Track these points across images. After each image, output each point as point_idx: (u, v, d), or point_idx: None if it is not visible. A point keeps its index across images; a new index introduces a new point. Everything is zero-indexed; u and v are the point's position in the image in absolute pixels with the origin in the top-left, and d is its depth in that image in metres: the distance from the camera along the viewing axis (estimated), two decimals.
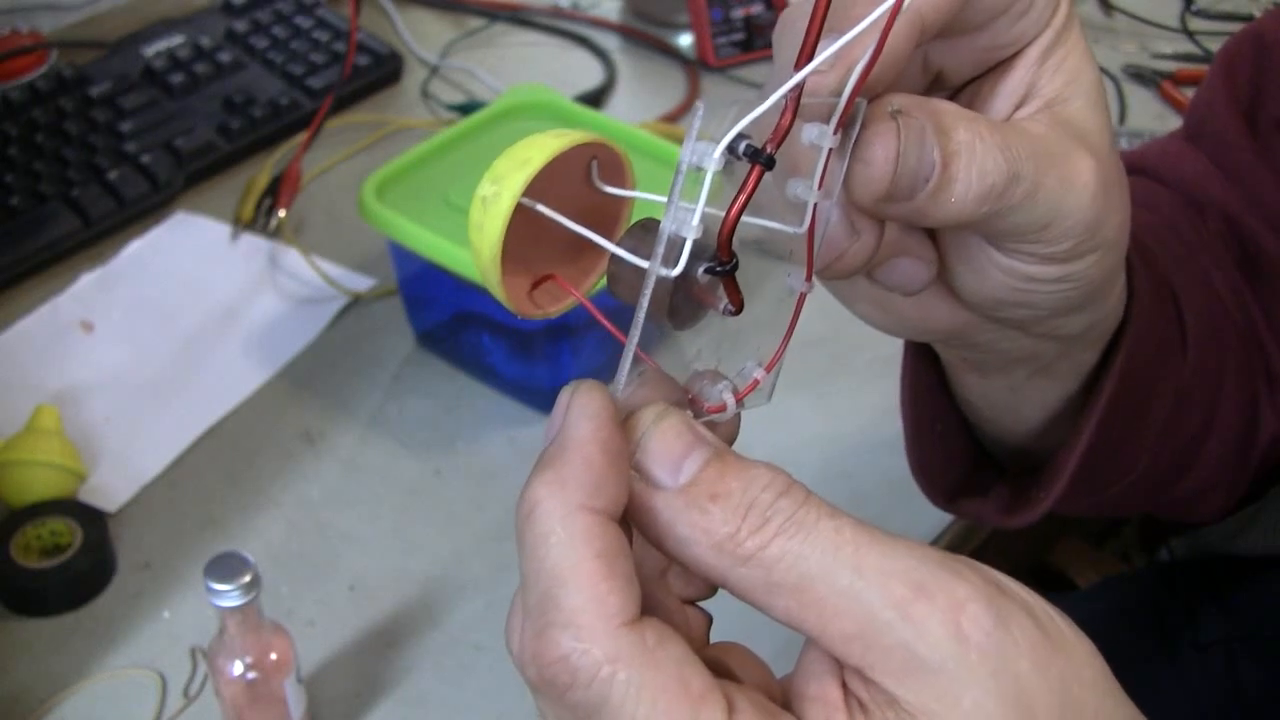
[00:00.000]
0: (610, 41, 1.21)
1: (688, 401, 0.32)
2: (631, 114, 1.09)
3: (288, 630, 0.63)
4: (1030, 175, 0.37)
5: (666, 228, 0.30)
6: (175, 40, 1.12)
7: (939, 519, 0.78)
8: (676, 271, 0.29)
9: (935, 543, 0.77)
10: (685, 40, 1.21)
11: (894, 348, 0.54)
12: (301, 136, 1.03)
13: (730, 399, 0.32)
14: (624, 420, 0.30)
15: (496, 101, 0.90)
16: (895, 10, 0.32)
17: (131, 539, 0.75)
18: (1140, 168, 0.65)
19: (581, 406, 0.29)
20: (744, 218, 0.30)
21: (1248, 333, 0.61)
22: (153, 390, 0.85)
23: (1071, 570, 1.17)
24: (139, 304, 0.91)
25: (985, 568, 0.30)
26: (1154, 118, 1.12)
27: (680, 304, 0.31)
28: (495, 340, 0.84)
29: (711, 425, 0.32)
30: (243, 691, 0.62)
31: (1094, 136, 0.40)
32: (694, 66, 1.17)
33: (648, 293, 0.30)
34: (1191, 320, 0.56)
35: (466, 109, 1.09)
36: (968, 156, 0.36)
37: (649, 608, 0.30)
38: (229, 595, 0.58)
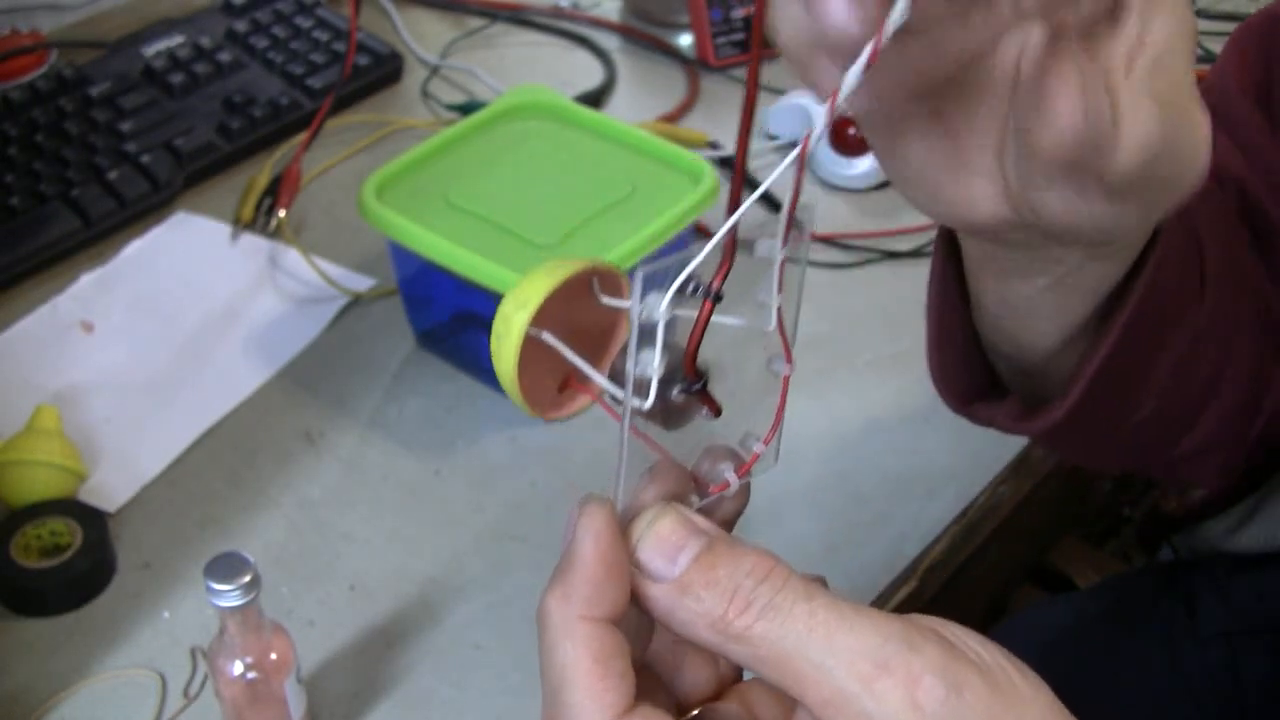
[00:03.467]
0: (610, 41, 1.21)
1: (693, 484, 0.36)
2: (631, 114, 1.09)
3: (288, 630, 0.62)
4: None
5: (631, 371, 0.33)
6: (175, 40, 1.12)
7: (938, 519, 0.78)
8: (649, 404, 0.33)
9: (937, 541, 0.77)
10: (685, 40, 1.21)
11: (894, 348, 0.54)
12: (301, 136, 1.03)
13: (733, 476, 0.36)
14: (631, 520, 0.35)
15: (496, 101, 0.90)
16: (802, 155, 0.33)
17: (131, 539, 0.75)
18: None
19: (585, 525, 0.33)
20: (715, 317, 0.34)
21: (1262, 304, 0.62)
22: (153, 390, 0.85)
23: (1071, 570, 1.17)
24: (139, 304, 0.91)
25: (946, 634, 0.33)
26: None
27: (666, 417, 0.35)
28: None
29: (721, 500, 0.36)
30: (243, 691, 0.61)
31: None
32: (694, 66, 1.17)
33: (626, 424, 0.34)
34: (1212, 266, 0.56)
35: (466, 109, 1.09)
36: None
37: (677, 662, 0.37)
38: (229, 595, 0.58)
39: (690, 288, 0.33)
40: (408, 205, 0.80)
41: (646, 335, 0.32)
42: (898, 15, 0.32)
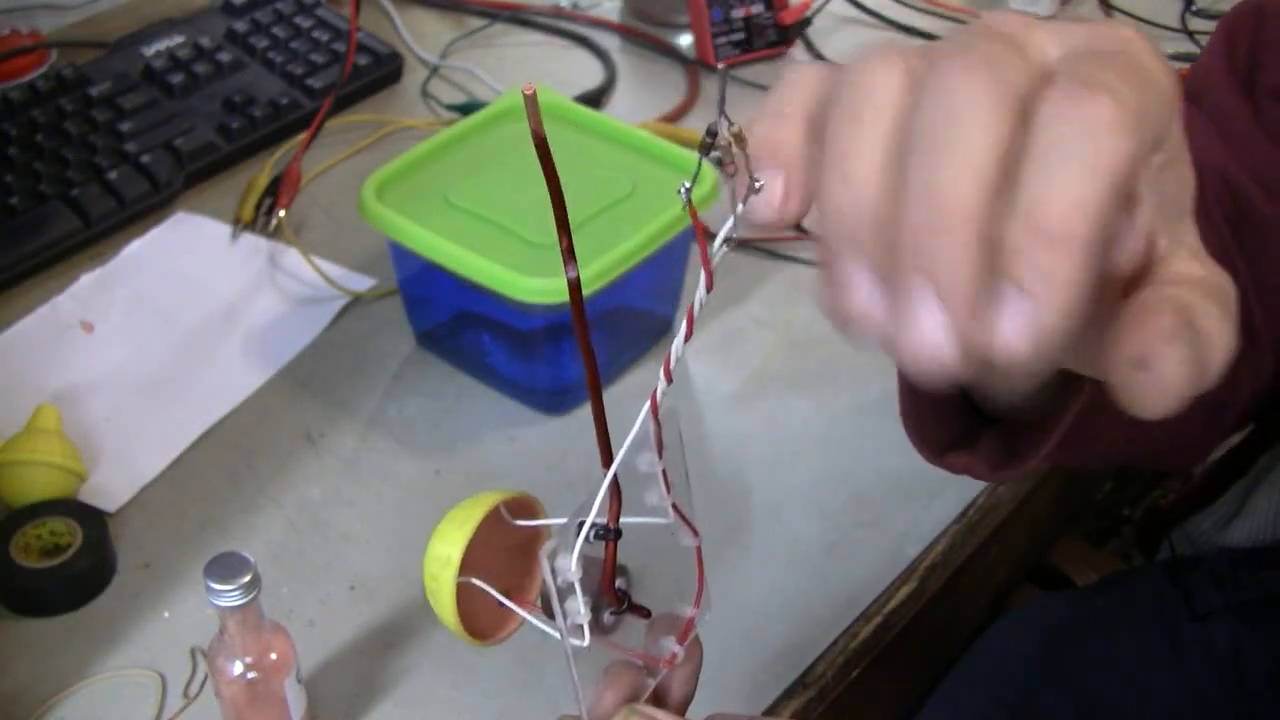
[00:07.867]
0: (610, 41, 1.21)
1: (645, 669, 0.41)
2: (631, 114, 1.09)
3: (288, 630, 0.63)
4: None
5: (563, 627, 0.38)
6: (175, 40, 1.12)
7: (938, 519, 0.78)
8: (585, 643, 0.38)
9: (937, 541, 0.77)
10: (685, 40, 1.21)
11: None
12: (301, 136, 1.03)
13: (677, 647, 0.41)
14: None
15: (496, 101, 0.90)
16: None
17: (131, 539, 0.75)
18: None
19: None
20: (627, 519, 0.39)
21: None
22: (153, 390, 0.85)
23: (1071, 570, 1.17)
24: (139, 304, 0.91)
25: None
26: None
27: (604, 632, 0.40)
28: (495, 340, 0.84)
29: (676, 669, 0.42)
30: (243, 691, 0.62)
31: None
32: (694, 66, 1.17)
33: (572, 662, 0.38)
34: None
35: (466, 109, 1.09)
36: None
37: None
38: (229, 595, 0.58)
39: (593, 534, 0.37)
40: (407, 205, 0.80)
41: (567, 591, 0.37)
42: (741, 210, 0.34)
